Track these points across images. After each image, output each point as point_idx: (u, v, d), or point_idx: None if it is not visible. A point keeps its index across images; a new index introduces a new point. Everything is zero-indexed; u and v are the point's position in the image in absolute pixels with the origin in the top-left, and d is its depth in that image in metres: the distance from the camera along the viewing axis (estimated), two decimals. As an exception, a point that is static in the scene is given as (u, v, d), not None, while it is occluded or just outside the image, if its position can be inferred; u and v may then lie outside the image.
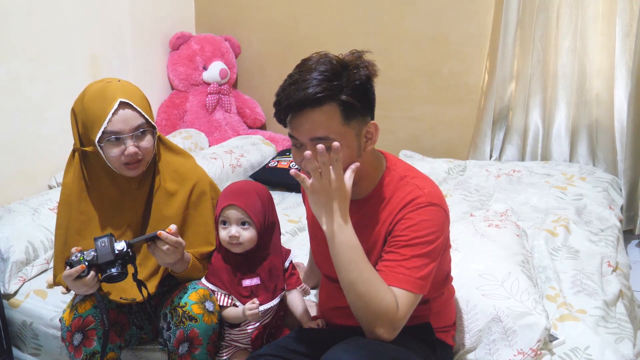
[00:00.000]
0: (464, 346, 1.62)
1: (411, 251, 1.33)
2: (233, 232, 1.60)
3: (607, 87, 2.93)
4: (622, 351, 1.60)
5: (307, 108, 1.28)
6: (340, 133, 1.30)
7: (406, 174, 1.44)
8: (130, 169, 1.59)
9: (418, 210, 1.35)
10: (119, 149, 1.55)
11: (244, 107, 3.65)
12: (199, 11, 3.75)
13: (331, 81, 1.28)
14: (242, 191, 1.65)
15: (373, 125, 1.37)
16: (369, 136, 1.37)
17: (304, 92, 1.27)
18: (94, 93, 1.57)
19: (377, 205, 1.42)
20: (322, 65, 1.29)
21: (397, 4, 3.27)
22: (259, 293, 1.63)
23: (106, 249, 1.46)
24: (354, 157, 1.35)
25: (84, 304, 1.60)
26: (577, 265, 2.01)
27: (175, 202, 1.68)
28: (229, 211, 1.61)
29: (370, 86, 1.35)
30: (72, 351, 1.60)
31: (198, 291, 1.60)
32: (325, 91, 1.27)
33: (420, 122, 3.39)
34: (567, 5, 2.90)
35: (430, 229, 1.35)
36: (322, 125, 1.29)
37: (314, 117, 1.29)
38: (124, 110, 1.54)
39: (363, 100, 1.33)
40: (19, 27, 2.55)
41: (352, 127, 1.32)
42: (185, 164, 1.74)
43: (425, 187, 1.39)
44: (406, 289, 1.31)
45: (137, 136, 1.56)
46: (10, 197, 2.52)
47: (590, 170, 2.87)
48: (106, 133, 1.54)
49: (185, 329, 1.55)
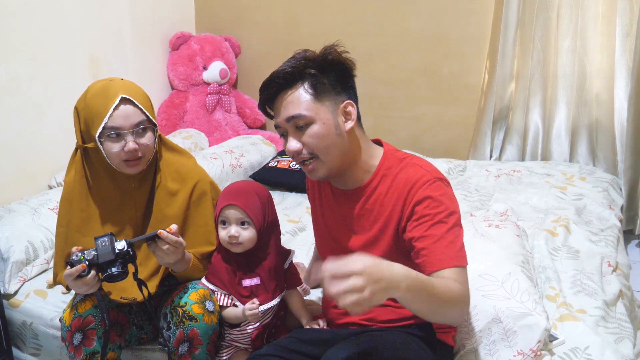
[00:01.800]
0: (465, 347, 1.62)
1: (441, 228, 1.34)
2: (232, 232, 1.60)
3: (607, 87, 2.93)
4: (622, 351, 1.60)
5: (280, 91, 1.38)
6: (313, 109, 1.37)
7: (405, 156, 1.46)
8: (130, 166, 1.59)
9: (431, 187, 1.37)
10: (119, 145, 1.55)
11: (244, 107, 3.65)
12: (199, 11, 3.75)
13: (300, 61, 1.37)
14: (241, 191, 1.65)
15: (349, 104, 1.41)
16: (348, 115, 1.41)
17: (275, 74, 1.38)
18: (96, 90, 1.58)
19: (378, 191, 1.43)
20: (298, 54, 1.40)
21: (397, 4, 3.27)
22: (259, 293, 1.63)
23: (107, 248, 1.45)
24: (333, 135, 1.38)
25: (84, 304, 1.60)
26: (577, 265, 2.01)
27: (176, 202, 1.68)
28: (228, 211, 1.61)
29: (343, 69, 1.41)
30: (72, 351, 1.60)
31: (198, 291, 1.60)
32: (291, 67, 1.36)
33: (420, 122, 3.39)
34: (567, 5, 2.90)
35: (447, 202, 1.37)
36: (293, 103, 1.37)
37: (286, 97, 1.38)
38: (125, 106, 1.55)
39: (334, 80, 1.39)
40: (19, 27, 2.55)
41: (324, 105, 1.38)
42: (187, 163, 1.74)
43: (426, 165, 1.43)
44: (455, 266, 1.31)
45: (137, 133, 1.56)
46: (10, 197, 2.52)
47: (590, 170, 2.87)
48: (106, 129, 1.54)
49: (185, 329, 1.55)
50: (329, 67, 1.38)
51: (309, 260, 1.93)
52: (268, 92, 1.40)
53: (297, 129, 1.38)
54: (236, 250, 1.63)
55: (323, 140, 1.37)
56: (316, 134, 1.37)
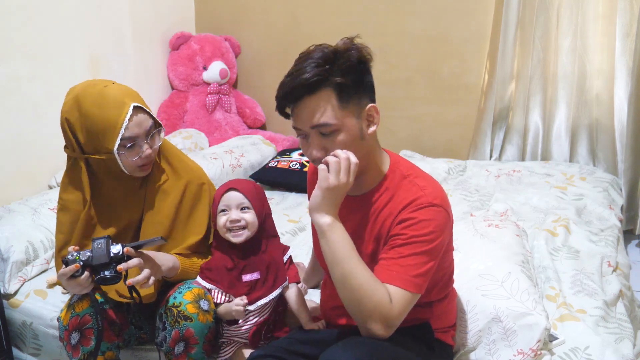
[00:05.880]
0: (464, 346, 1.62)
1: (408, 250, 1.33)
2: (234, 216, 1.61)
3: (607, 87, 2.93)
4: (622, 351, 1.60)
5: (304, 96, 1.32)
6: (339, 117, 1.32)
7: (409, 172, 1.43)
8: (143, 170, 1.63)
9: (419, 211, 1.34)
10: (135, 152, 1.57)
11: (244, 107, 3.65)
12: (199, 11, 3.75)
13: (323, 66, 1.31)
14: (238, 180, 1.71)
15: (373, 108, 1.38)
16: (371, 119, 1.38)
17: (299, 80, 1.30)
18: (95, 99, 1.55)
19: (377, 204, 1.42)
20: (315, 54, 1.32)
21: (397, 4, 3.27)
22: (258, 287, 1.63)
23: (102, 251, 1.46)
24: (357, 140, 1.36)
25: (81, 303, 1.60)
26: (577, 265, 2.01)
27: (169, 199, 1.69)
28: (229, 194, 1.63)
29: (364, 68, 1.36)
30: (70, 350, 1.60)
31: (192, 290, 1.59)
32: (317, 76, 1.30)
33: (420, 122, 3.39)
34: (567, 5, 2.90)
35: (429, 228, 1.34)
36: (319, 110, 1.32)
37: (310, 104, 1.32)
38: (136, 115, 1.56)
39: (357, 82, 1.35)
40: (19, 27, 2.55)
41: (350, 110, 1.34)
42: (182, 161, 1.76)
43: (426, 187, 1.39)
44: (400, 287, 1.31)
45: (150, 137, 1.60)
46: (10, 197, 2.52)
47: (590, 170, 2.87)
48: (124, 139, 1.55)
49: (181, 329, 1.54)
50: (352, 69, 1.33)
51: (309, 260, 1.93)
52: (290, 97, 1.34)
53: (321, 135, 1.35)
54: (238, 240, 1.62)
55: (347, 147, 1.34)
56: (341, 142, 1.34)
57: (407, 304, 1.32)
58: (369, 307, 1.29)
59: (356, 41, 1.36)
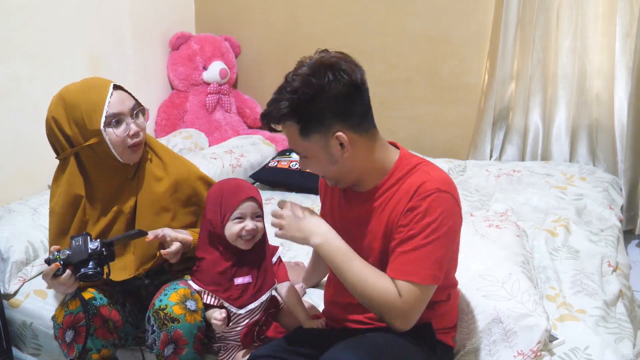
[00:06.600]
0: (465, 347, 1.62)
1: (416, 242, 1.34)
2: (251, 226, 1.60)
3: (607, 87, 2.93)
4: (622, 351, 1.60)
5: (276, 124, 1.39)
6: (302, 147, 1.39)
7: (419, 162, 1.45)
8: (134, 152, 1.65)
9: (425, 199, 1.34)
10: (122, 130, 1.61)
11: (244, 107, 3.65)
12: (199, 11, 3.75)
13: (289, 101, 1.33)
14: (247, 185, 1.68)
15: (340, 136, 1.35)
16: (343, 147, 1.37)
17: (268, 110, 1.37)
18: (77, 87, 1.66)
19: (384, 195, 1.43)
20: (295, 83, 1.33)
21: (397, 4, 3.27)
22: (249, 290, 1.63)
23: (80, 248, 1.49)
24: (328, 166, 1.41)
25: (74, 301, 1.61)
26: (577, 265, 2.01)
27: (162, 182, 1.72)
28: (247, 204, 1.61)
29: (329, 99, 1.33)
30: (65, 349, 1.61)
31: (178, 291, 1.58)
32: (282, 110, 1.34)
33: (420, 122, 3.39)
34: (567, 5, 2.90)
35: (434, 215, 1.33)
36: (289, 139, 1.41)
37: (284, 130, 1.40)
38: (117, 92, 1.63)
39: (318, 116, 1.34)
40: (19, 27, 2.55)
41: (313, 141, 1.37)
42: (173, 156, 1.82)
43: (434, 173, 1.40)
44: (409, 280, 1.32)
45: (135, 115, 1.64)
46: (10, 197, 2.52)
47: (590, 170, 2.87)
48: (108, 117, 1.59)
49: (169, 331, 1.54)
50: (309, 104, 1.32)
51: (309, 260, 1.93)
52: (265, 122, 1.41)
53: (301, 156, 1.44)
54: (247, 246, 1.62)
55: (320, 171, 1.45)
56: (312, 166, 1.43)
57: (419, 297, 1.34)
58: (379, 302, 1.35)
59: (337, 64, 1.34)
